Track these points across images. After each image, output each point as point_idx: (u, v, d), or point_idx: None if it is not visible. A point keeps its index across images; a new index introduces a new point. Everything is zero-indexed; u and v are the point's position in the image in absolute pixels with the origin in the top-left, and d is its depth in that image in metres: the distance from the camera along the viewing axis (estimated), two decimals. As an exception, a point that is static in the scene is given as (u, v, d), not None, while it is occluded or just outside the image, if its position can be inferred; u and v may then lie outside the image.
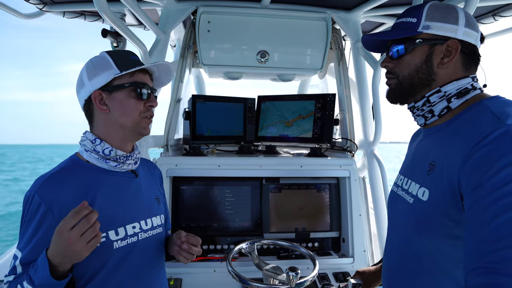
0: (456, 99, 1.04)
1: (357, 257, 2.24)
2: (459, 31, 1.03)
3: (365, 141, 2.48)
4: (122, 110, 1.22)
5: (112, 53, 1.24)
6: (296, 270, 1.44)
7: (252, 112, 2.67)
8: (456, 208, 0.91)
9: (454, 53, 1.03)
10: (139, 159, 1.37)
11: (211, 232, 2.28)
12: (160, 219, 1.41)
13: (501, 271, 0.73)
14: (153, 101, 1.27)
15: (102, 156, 1.22)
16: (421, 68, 1.07)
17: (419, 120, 1.14)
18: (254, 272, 1.67)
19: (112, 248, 1.19)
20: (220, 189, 2.32)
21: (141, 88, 1.23)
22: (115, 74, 1.19)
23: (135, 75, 1.23)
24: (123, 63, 1.21)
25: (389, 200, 1.28)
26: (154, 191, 1.45)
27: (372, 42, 1.24)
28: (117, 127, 1.23)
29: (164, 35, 2.22)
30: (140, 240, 1.27)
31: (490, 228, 0.77)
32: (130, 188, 1.30)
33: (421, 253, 1.04)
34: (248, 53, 2.42)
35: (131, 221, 1.26)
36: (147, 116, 1.27)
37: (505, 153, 0.81)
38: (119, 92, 1.21)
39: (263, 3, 2.24)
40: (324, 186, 2.40)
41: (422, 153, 1.13)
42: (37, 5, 2.20)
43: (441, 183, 0.95)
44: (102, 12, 1.38)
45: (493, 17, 2.23)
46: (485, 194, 0.80)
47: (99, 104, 1.21)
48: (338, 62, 2.61)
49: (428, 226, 0.99)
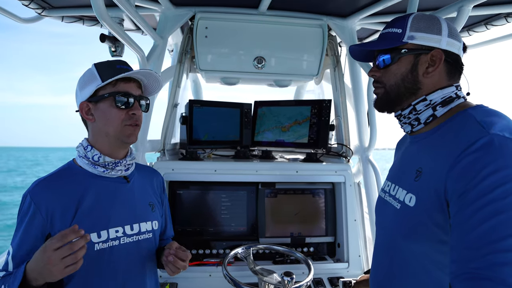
0: (441, 107, 1.07)
1: (352, 262, 2.25)
2: (442, 41, 1.06)
3: (360, 146, 2.50)
4: (105, 119, 1.27)
5: (100, 64, 1.29)
6: (291, 275, 1.46)
7: (248, 117, 2.68)
8: (442, 214, 0.93)
9: (438, 62, 1.06)
10: (132, 165, 1.40)
11: (207, 237, 2.28)
12: (152, 225, 1.42)
13: (486, 277, 0.76)
14: (136, 109, 1.30)
15: (92, 162, 1.28)
16: (407, 77, 1.09)
17: (406, 127, 1.17)
18: (249, 276, 1.67)
19: (93, 249, 1.22)
20: (216, 194, 2.32)
21: (121, 98, 1.26)
22: (97, 85, 1.24)
23: (117, 85, 1.26)
24: (106, 73, 1.25)
25: (377, 205, 1.30)
26: (148, 197, 1.47)
27: (360, 52, 1.27)
28: (103, 135, 1.29)
29: (161, 40, 2.24)
30: (122, 244, 1.30)
31: (475, 235, 0.80)
32: (120, 193, 1.34)
33: (407, 257, 1.06)
34: (245, 59, 2.44)
35: (114, 225, 1.29)
36: (130, 123, 1.29)
37: (489, 161, 0.83)
38: (102, 102, 1.26)
39: (260, 10, 2.26)
40: (319, 191, 2.41)
41: (409, 159, 1.16)
42: (36, 10, 2.21)
43: (428, 189, 0.97)
44: (100, 17, 1.39)
45: (485, 26, 2.27)
46: (470, 201, 0.83)
47: (85, 114, 1.28)
48: (334, 68, 2.64)
49: (414, 231, 1.01)
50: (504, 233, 0.77)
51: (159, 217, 1.49)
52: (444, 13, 1.78)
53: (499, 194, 0.79)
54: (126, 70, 1.28)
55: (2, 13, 1.98)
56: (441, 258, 0.96)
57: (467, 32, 2.42)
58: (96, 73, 1.26)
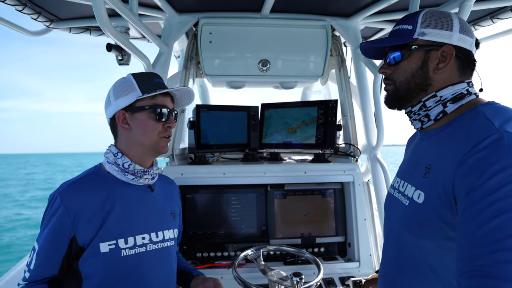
0: (452, 104, 1.06)
1: (363, 262, 2.24)
2: (453, 37, 1.05)
3: (368, 145, 2.49)
4: (142, 130, 1.31)
5: (137, 75, 1.34)
6: (300, 275, 1.46)
7: (255, 120, 2.69)
8: (450, 211, 0.93)
9: (449, 58, 1.05)
10: (157, 175, 1.44)
11: (217, 239, 2.29)
12: (173, 233, 1.47)
13: (491, 274, 0.76)
14: (172, 122, 1.35)
15: (122, 169, 1.31)
16: (417, 73, 1.09)
17: (416, 124, 1.16)
18: (260, 278, 1.68)
19: (120, 255, 1.26)
20: (226, 197, 2.33)
21: (160, 110, 1.31)
22: (137, 96, 1.29)
23: (156, 98, 1.32)
24: (145, 85, 1.31)
25: (386, 202, 1.30)
26: (170, 206, 1.52)
27: (370, 49, 1.27)
28: (137, 145, 1.33)
29: (167, 48, 2.27)
30: (148, 251, 1.33)
31: (482, 233, 0.80)
32: (145, 201, 1.38)
33: (415, 254, 1.06)
34: (250, 62, 2.45)
35: (141, 232, 1.33)
36: (165, 136, 1.35)
37: (497, 159, 0.83)
38: (140, 113, 1.30)
39: (263, 13, 2.28)
40: (328, 192, 2.41)
41: (418, 156, 1.15)
42: (44, 23, 2.26)
43: (436, 186, 0.97)
44: (104, 28, 1.43)
45: (491, 19, 2.24)
46: (477, 199, 0.83)
47: (121, 123, 1.31)
48: (339, 68, 2.63)
49: (423, 228, 1.01)
50: (509, 232, 0.77)
51: (177, 226, 1.54)
52: (446, 8, 1.76)
53: (505, 192, 0.79)
54: (161, 84, 1.35)
55: (13, 27, 2.04)
56: (449, 255, 0.95)
57: (473, 27, 2.39)
58: (135, 84, 1.30)
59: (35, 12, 2.09)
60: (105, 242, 1.23)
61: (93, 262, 1.23)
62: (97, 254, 1.22)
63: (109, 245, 1.23)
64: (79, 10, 2.19)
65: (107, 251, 1.23)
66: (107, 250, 1.23)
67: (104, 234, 1.23)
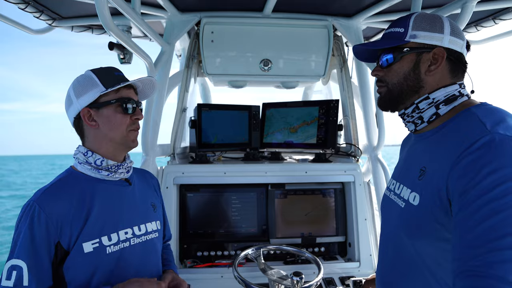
0: (444, 106, 1.07)
1: (363, 261, 2.25)
2: (444, 39, 1.07)
3: (369, 145, 2.49)
4: (110, 125, 1.29)
5: (97, 70, 1.31)
6: (300, 275, 1.46)
7: (257, 119, 2.70)
8: (445, 212, 0.94)
9: (441, 60, 1.06)
10: (131, 167, 1.43)
11: (218, 238, 2.30)
12: (156, 224, 1.46)
13: (487, 275, 0.76)
14: (139, 114, 1.34)
15: (94, 167, 1.29)
16: (409, 75, 1.10)
17: (410, 126, 1.18)
18: (260, 277, 1.69)
19: (105, 252, 1.24)
20: (227, 196, 2.34)
21: (126, 103, 1.30)
22: (101, 92, 1.26)
23: (120, 91, 1.30)
24: (108, 80, 1.28)
25: (382, 204, 1.31)
26: (150, 198, 1.50)
27: (363, 52, 1.28)
28: (107, 141, 1.31)
29: (169, 47, 2.26)
30: (132, 245, 1.33)
31: (475, 234, 0.81)
32: (124, 195, 1.37)
33: (412, 256, 1.06)
34: (251, 62, 2.45)
35: (123, 226, 1.31)
36: (133, 128, 1.34)
37: (490, 160, 0.84)
38: (106, 108, 1.28)
39: (265, 13, 2.28)
40: (329, 191, 2.41)
41: (413, 158, 1.16)
42: (47, 21, 2.27)
43: (431, 188, 0.98)
44: (106, 27, 1.42)
45: (493, 20, 2.23)
46: (471, 200, 0.84)
47: (88, 120, 1.28)
48: (341, 68, 2.64)
49: (418, 230, 1.01)
50: (503, 232, 0.77)
51: (160, 217, 1.53)
52: (448, 9, 1.76)
53: (499, 193, 0.80)
54: (123, 77, 1.33)
55: (15, 25, 2.04)
56: (445, 256, 0.96)
57: (475, 28, 2.39)
58: (96, 79, 1.28)
59: (37, 10, 2.09)
60: (88, 241, 1.21)
61: (77, 264, 1.20)
62: (81, 254, 1.20)
63: (92, 244, 1.21)
64: (81, 8, 2.19)
65: (91, 250, 1.21)
66: (91, 250, 1.21)
67: (86, 234, 1.21)
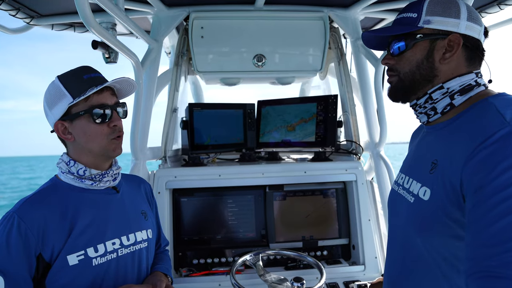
0: (460, 96, 1.03)
1: (368, 264, 2.18)
2: (461, 25, 1.02)
3: (371, 142, 2.43)
4: (86, 137, 1.21)
5: (64, 77, 1.21)
6: (301, 281, 1.44)
7: (252, 118, 2.64)
8: (458, 208, 0.90)
9: (456, 47, 1.02)
10: (118, 174, 1.36)
11: (215, 245, 2.23)
12: (147, 233, 1.40)
13: (501, 275, 0.73)
14: (116, 120, 1.24)
15: (77, 176, 1.23)
16: (423, 64, 1.06)
17: (422, 117, 1.13)
18: (260, 284, 1.63)
19: (91, 265, 1.18)
20: (222, 200, 2.28)
21: (98, 111, 1.19)
22: (69, 103, 1.17)
23: (90, 98, 1.19)
24: (75, 87, 1.18)
25: (389, 199, 1.27)
26: (140, 206, 1.44)
27: (373, 39, 1.24)
28: (86, 152, 1.25)
29: (156, 44, 2.18)
30: (120, 256, 1.27)
31: (491, 232, 0.77)
32: (111, 204, 1.30)
33: (421, 253, 1.03)
34: (244, 58, 2.39)
35: (111, 237, 1.25)
36: (114, 137, 1.25)
37: (508, 154, 0.80)
38: (78, 119, 1.20)
39: (257, 5, 2.20)
40: (330, 192, 2.35)
41: (424, 151, 1.12)
42: (24, 19, 2.16)
43: (443, 182, 0.94)
44: (87, 24, 1.32)
45: (498, 6, 2.14)
46: (487, 196, 0.80)
47: (62, 134, 1.22)
48: (338, 61, 2.58)
49: (429, 226, 0.98)
50: None
51: (152, 226, 1.47)
52: None
53: None
54: (95, 79, 1.21)
55: None
56: (457, 254, 0.93)
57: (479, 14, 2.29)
58: (63, 89, 1.18)
59: (13, 8, 1.97)
60: (73, 254, 1.15)
61: (62, 277, 1.14)
62: (66, 267, 1.14)
63: (77, 256, 1.16)
64: (61, 5, 2.09)
65: (76, 263, 1.15)
66: (76, 262, 1.15)
67: (70, 246, 1.15)
